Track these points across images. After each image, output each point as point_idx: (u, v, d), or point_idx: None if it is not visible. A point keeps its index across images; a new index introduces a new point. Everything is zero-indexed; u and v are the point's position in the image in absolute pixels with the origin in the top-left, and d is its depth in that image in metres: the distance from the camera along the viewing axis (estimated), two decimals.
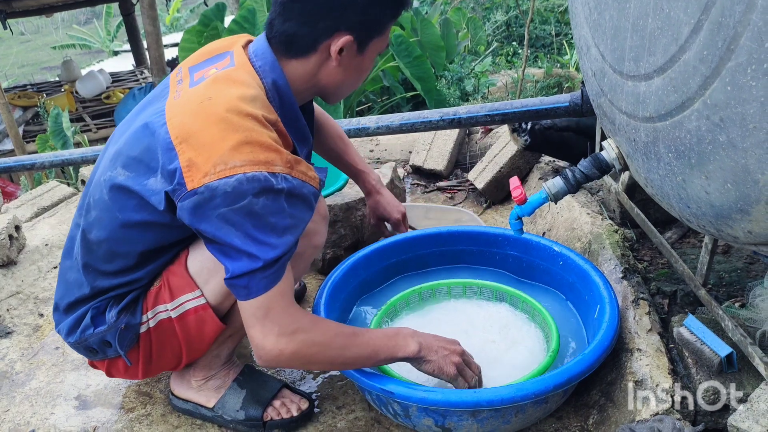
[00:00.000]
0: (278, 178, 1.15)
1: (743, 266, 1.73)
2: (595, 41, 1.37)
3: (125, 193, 1.25)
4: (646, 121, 1.17)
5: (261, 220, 1.15)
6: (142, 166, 1.23)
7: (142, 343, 1.37)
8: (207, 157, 1.13)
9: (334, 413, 1.53)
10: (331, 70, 1.27)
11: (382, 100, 5.90)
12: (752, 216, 0.97)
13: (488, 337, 1.61)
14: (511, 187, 1.55)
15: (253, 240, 1.15)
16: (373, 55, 1.29)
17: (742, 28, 0.84)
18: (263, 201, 1.14)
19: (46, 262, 2.29)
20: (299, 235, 1.22)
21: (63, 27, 19.00)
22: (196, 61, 1.33)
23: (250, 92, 1.19)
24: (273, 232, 1.16)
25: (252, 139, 1.14)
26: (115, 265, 1.32)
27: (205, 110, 1.17)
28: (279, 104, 1.26)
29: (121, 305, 1.34)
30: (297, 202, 1.20)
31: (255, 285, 1.18)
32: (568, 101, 2.08)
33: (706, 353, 1.32)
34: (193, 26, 5.41)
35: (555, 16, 8.15)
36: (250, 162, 1.13)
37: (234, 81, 1.21)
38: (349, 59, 1.26)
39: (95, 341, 1.36)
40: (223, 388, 1.50)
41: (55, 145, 5.48)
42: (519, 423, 1.38)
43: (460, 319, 1.69)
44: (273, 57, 1.25)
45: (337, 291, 1.69)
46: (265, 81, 1.24)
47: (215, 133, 1.14)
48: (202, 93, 1.21)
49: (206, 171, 1.13)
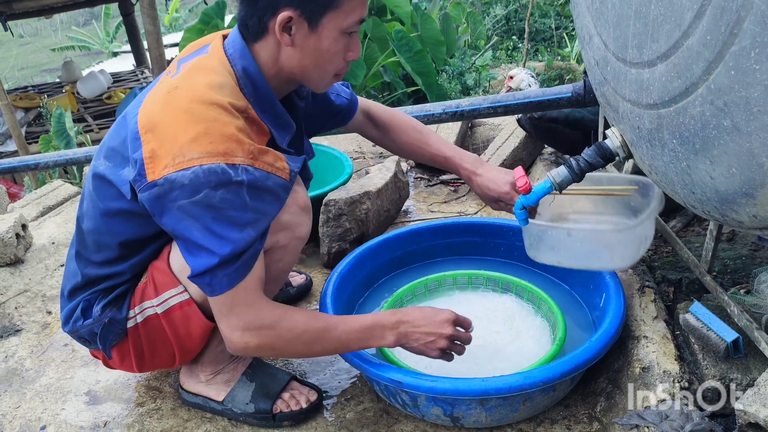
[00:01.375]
0: (238, 169, 1.14)
1: (748, 253, 1.74)
2: (597, 30, 1.38)
3: (104, 182, 1.28)
4: (650, 108, 1.17)
5: (220, 213, 1.14)
6: (118, 156, 1.26)
7: (131, 338, 1.38)
8: (168, 148, 1.14)
9: (342, 405, 1.54)
10: (288, 52, 1.23)
11: (383, 96, 5.90)
12: (757, 200, 0.97)
13: (493, 328, 1.62)
14: (515, 177, 1.55)
15: (212, 234, 1.15)
16: (332, 33, 1.21)
17: (745, 12, 0.84)
18: (222, 194, 1.13)
19: (53, 261, 2.30)
20: (263, 229, 1.21)
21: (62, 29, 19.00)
22: (186, 54, 1.34)
23: (218, 79, 1.19)
24: (233, 225, 1.15)
25: (212, 130, 1.14)
26: (101, 255, 1.35)
27: (170, 100, 1.18)
28: (252, 91, 1.25)
29: (107, 300, 1.36)
30: (260, 194, 1.18)
31: (217, 282, 1.18)
32: (570, 92, 2.08)
33: (713, 339, 1.33)
34: (194, 24, 5.42)
35: (555, 10, 8.14)
36: (207, 153, 1.12)
37: (203, 69, 1.22)
38: (303, 39, 1.21)
39: (85, 332, 1.39)
40: (233, 382, 1.51)
41: (59, 145, 5.48)
42: (527, 411, 1.38)
43: (465, 310, 1.69)
44: (243, 44, 1.25)
45: (343, 284, 1.70)
46: (235, 68, 1.24)
47: (178, 125, 1.15)
48: (172, 82, 1.22)
49: (166, 163, 1.13)
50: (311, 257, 2.24)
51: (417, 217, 2.46)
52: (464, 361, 1.42)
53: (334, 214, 2.07)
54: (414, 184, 2.81)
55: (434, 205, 2.59)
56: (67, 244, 2.36)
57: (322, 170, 2.47)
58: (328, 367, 1.67)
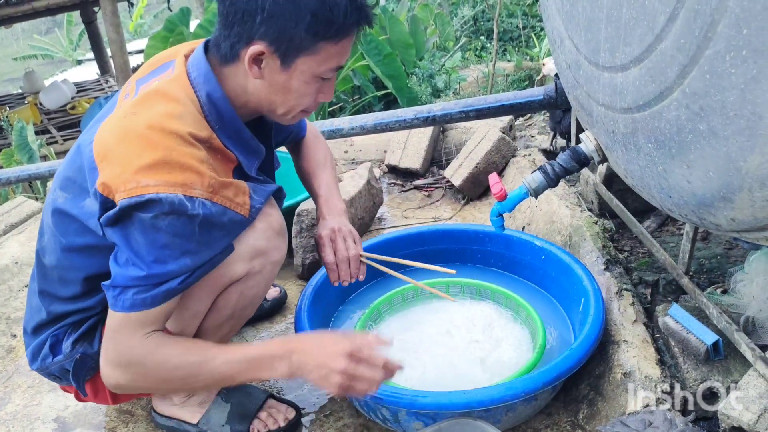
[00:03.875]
0: (195, 203, 1.08)
1: (723, 252, 1.74)
2: (568, 33, 1.36)
3: (66, 217, 1.21)
4: (624, 112, 1.16)
5: (162, 235, 1.08)
6: (76, 187, 1.19)
7: None
8: (119, 174, 1.07)
9: (321, 421, 1.50)
10: (257, 84, 1.18)
11: (353, 100, 5.87)
12: (735, 204, 0.97)
13: (472, 336, 1.60)
14: (490, 184, 1.53)
15: (147, 249, 1.08)
16: (303, 76, 1.17)
17: (719, 15, 0.83)
18: (170, 220, 1.07)
19: (17, 281, 2.22)
20: (200, 262, 1.15)
21: (23, 37, 18.64)
22: (144, 74, 1.27)
23: (178, 108, 1.13)
24: (170, 250, 1.09)
25: (170, 158, 1.08)
26: (66, 291, 1.28)
27: (125, 126, 1.12)
28: (217, 118, 1.19)
29: (77, 334, 1.30)
30: (212, 230, 1.13)
31: (122, 299, 1.11)
32: (542, 95, 2.07)
33: (693, 342, 1.32)
34: (158, 32, 5.33)
35: (522, 9, 8.20)
36: (164, 183, 1.06)
37: (163, 96, 1.15)
38: (272, 74, 1.16)
39: (56, 369, 1.33)
40: (207, 403, 1.47)
41: (21, 160, 5.35)
42: (509, 421, 1.36)
43: (443, 319, 1.67)
44: (207, 67, 1.19)
45: (318, 296, 1.66)
46: (199, 94, 1.18)
47: (131, 150, 1.09)
48: (129, 108, 1.15)
49: (117, 188, 1.07)
50: (285, 269, 2.19)
51: (392, 224, 2.44)
52: (443, 373, 1.39)
53: (307, 225, 2.04)
54: (387, 189, 2.78)
55: (408, 210, 2.57)
56: (32, 264, 2.27)
57: (294, 179, 2.43)
58: (306, 383, 1.63)
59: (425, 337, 1.60)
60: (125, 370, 1.16)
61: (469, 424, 1.25)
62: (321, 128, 2.50)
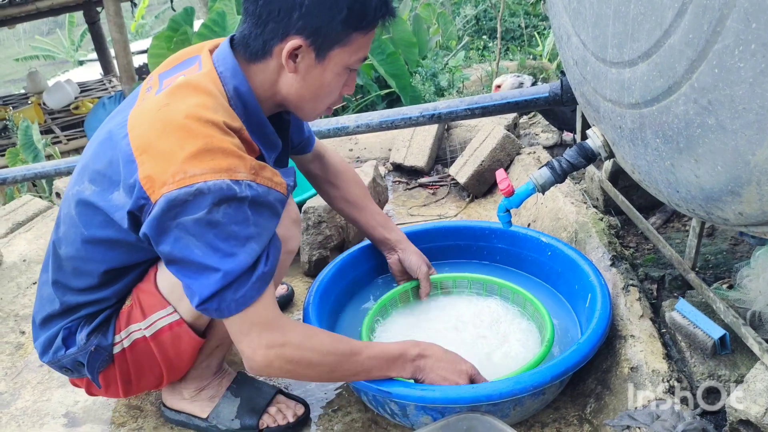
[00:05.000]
0: (242, 185, 1.11)
1: (728, 247, 1.75)
2: (575, 30, 1.37)
3: (91, 208, 1.22)
4: (631, 107, 1.17)
5: (223, 229, 1.10)
6: (106, 180, 1.20)
7: (117, 364, 1.34)
8: (165, 166, 1.09)
9: (330, 416, 1.51)
10: (289, 79, 1.22)
11: (356, 99, 5.87)
12: (743, 197, 0.97)
13: (479, 332, 1.61)
14: (497, 180, 1.54)
15: (213, 250, 1.10)
16: (337, 67, 1.22)
17: (728, 10, 0.84)
18: (224, 209, 1.10)
19: (25, 279, 2.24)
20: (265, 244, 1.17)
21: (25, 38, 18.66)
22: (167, 68, 1.30)
23: (210, 100, 1.16)
24: (235, 240, 1.11)
25: (212, 145, 1.10)
26: (81, 282, 1.29)
27: (162, 118, 1.14)
28: (243, 111, 1.22)
29: (91, 326, 1.31)
30: (262, 210, 1.16)
31: (226, 306, 1.14)
32: (547, 92, 2.08)
33: (700, 336, 1.33)
34: (162, 31, 5.34)
35: (524, 8, 8.19)
36: (211, 170, 1.09)
37: (195, 88, 1.17)
38: (307, 68, 1.21)
39: (68, 362, 1.33)
40: (217, 398, 1.48)
41: (26, 159, 5.37)
42: (517, 416, 1.37)
43: (450, 315, 1.68)
44: (234, 62, 1.21)
45: (326, 293, 1.67)
46: (227, 88, 1.20)
47: (173, 141, 1.10)
48: (161, 100, 1.17)
49: (164, 181, 1.09)
50: (292, 266, 2.18)
51: (397, 222, 2.44)
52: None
53: (313, 222, 2.04)
54: (392, 188, 2.79)
55: (414, 208, 2.57)
56: (40, 261, 2.29)
57: (300, 177, 2.44)
58: None
59: (432, 332, 1.61)
60: (280, 352, 1.18)
61: (477, 419, 1.26)
62: (327, 126, 2.51)
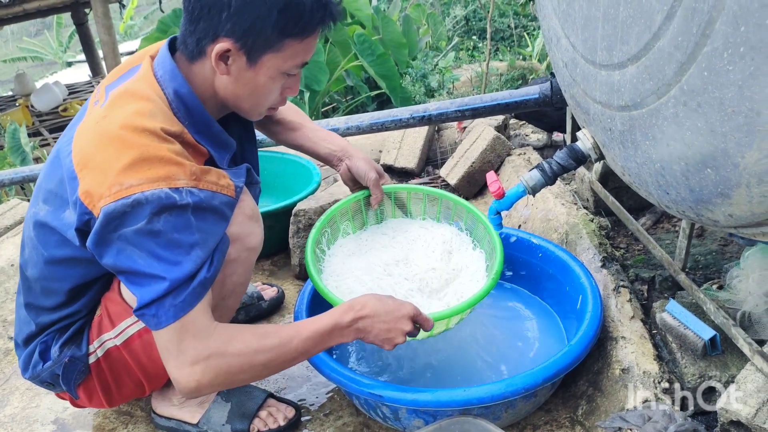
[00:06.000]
0: (182, 192, 1.09)
1: (718, 248, 1.75)
2: (565, 32, 1.37)
3: (47, 229, 1.21)
4: (621, 109, 1.17)
5: (164, 237, 1.07)
6: (57, 199, 1.19)
7: (95, 374, 1.33)
8: (102, 179, 1.07)
9: (321, 420, 1.50)
10: (223, 80, 1.19)
11: (347, 100, 5.87)
12: (733, 199, 0.98)
13: (429, 264, 1.54)
14: (488, 182, 1.54)
15: (157, 259, 1.07)
16: (270, 72, 1.18)
17: (716, 13, 0.84)
18: (165, 218, 1.07)
19: (13, 283, 2.21)
20: (210, 249, 1.14)
21: (13, 40, 18.53)
22: (112, 79, 1.26)
23: (147, 105, 1.14)
24: (179, 248, 1.09)
25: (148, 154, 1.08)
26: (51, 301, 1.29)
27: (99, 130, 1.12)
28: (185, 113, 1.19)
29: (63, 338, 1.30)
30: (206, 215, 1.13)
31: (164, 313, 1.09)
32: (537, 93, 2.08)
33: (690, 337, 1.33)
34: (151, 33, 5.31)
35: (513, 9, 8.22)
36: (147, 180, 1.06)
37: (132, 95, 1.15)
38: (239, 71, 1.17)
39: (47, 376, 1.32)
40: (207, 403, 1.47)
41: (14, 162, 5.32)
42: (509, 418, 1.37)
43: (400, 244, 1.61)
44: (173, 64, 1.19)
45: (317, 295, 1.66)
46: (166, 91, 1.18)
47: (110, 153, 1.09)
48: (101, 113, 1.15)
49: (101, 194, 1.07)
50: (282, 269, 2.19)
51: None
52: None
53: (304, 225, 2.04)
54: None
55: None
56: None
57: (290, 180, 2.43)
58: (305, 382, 1.63)
59: (380, 267, 1.55)
60: (205, 366, 1.12)
61: (469, 422, 1.25)
62: None
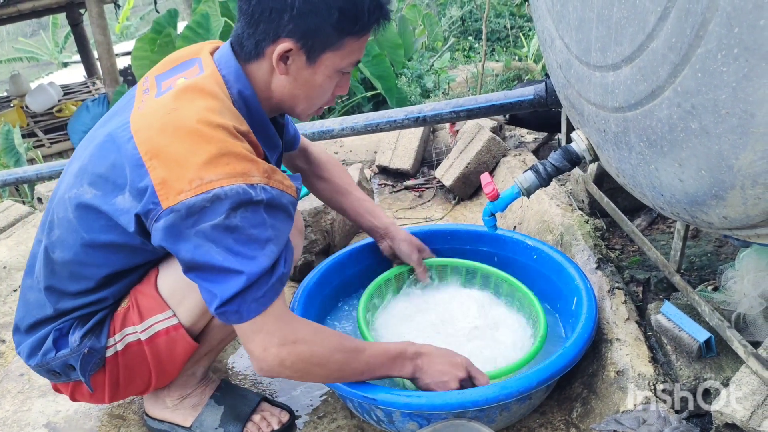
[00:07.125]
0: (257, 189, 1.11)
1: (713, 250, 1.75)
2: (559, 33, 1.37)
3: (93, 212, 1.19)
4: (615, 111, 1.17)
5: (241, 233, 1.10)
6: (109, 183, 1.17)
7: (108, 368, 1.31)
8: (181, 173, 1.08)
9: (315, 423, 1.50)
10: (281, 80, 1.22)
11: (342, 101, 5.86)
12: (727, 201, 0.97)
13: (471, 324, 1.60)
14: (482, 184, 1.53)
15: (234, 254, 1.10)
16: (328, 71, 1.22)
17: (710, 14, 0.84)
18: (242, 213, 1.10)
19: (5, 286, 2.20)
20: (283, 245, 1.17)
21: (8, 40, 18.48)
22: (164, 70, 1.28)
23: (217, 104, 1.15)
24: (255, 243, 1.11)
25: (226, 150, 1.10)
26: (78, 286, 1.26)
27: (173, 122, 1.12)
28: (247, 114, 1.22)
29: (85, 328, 1.27)
30: (277, 212, 1.16)
31: (246, 308, 1.13)
32: (532, 94, 2.08)
33: (685, 339, 1.33)
34: (146, 34, 5.29)
35: (509, 10, 8.21)
36: (226, 175, 1.09)
37: (201, 91, 1.16)
38: (298, 70, 1.21)
39: (58, 364, 1.30)
40: (200, 406, 1.46)
41: (8, 163, 5.31)
42: (504, 421, 1.36)
43: (442, 307, 1.68)
44: (237, 65, 1.22)
45: (311, 298, 1.66)
46: (231, 91, 1.20)
47: (187, 147, 1.09)
48: (169, 104, 1.16)
49: (181, 188, 1.08)
50: None
51: None
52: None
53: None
54: (378, 190, 2.78)
55: (400, 211, 2.57)
56: (21, 268, 2.25)
57: None
58: (299, 385, 1.62)
59: (426, 325, 1.61)
60: (291, 349, 1.17)
61: (464, 425, 1.25)
62: (311, 129, 2.49)
